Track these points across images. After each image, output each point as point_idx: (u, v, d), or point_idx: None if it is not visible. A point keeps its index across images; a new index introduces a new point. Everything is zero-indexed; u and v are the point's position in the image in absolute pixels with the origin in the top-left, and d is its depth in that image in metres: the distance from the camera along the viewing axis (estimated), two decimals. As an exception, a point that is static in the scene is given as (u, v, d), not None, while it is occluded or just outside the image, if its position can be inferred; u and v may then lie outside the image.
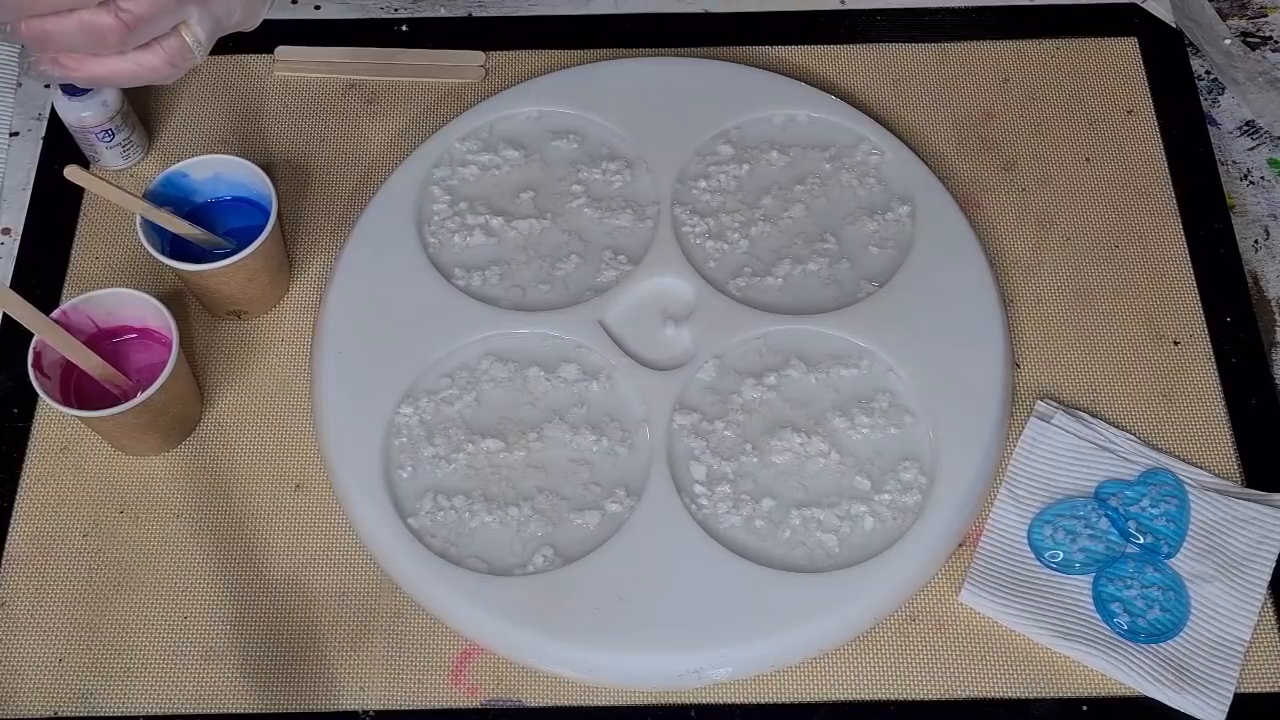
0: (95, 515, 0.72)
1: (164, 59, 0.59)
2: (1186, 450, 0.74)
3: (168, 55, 0.59)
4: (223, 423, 0.75)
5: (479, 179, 0.81)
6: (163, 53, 0.59)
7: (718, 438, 0.72)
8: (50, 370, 0.69)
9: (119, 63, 0.58)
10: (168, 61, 0.59)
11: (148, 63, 0.59)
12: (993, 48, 0.88)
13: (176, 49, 0.59)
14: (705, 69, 0.85)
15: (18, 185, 0.83)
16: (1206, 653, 0.67)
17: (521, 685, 0.68)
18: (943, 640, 0.69)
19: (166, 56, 0.59)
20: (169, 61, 0.59)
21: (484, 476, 0.72)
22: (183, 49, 0.59)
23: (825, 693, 0.67)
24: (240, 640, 0.69)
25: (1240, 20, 0.90)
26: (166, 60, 0.59)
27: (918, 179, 0.80)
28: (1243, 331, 0.77)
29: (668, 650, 0.67)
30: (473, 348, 0.75)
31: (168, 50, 0.59)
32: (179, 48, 0.59)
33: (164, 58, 0.59)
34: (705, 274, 0.77)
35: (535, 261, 0.78)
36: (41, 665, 0.68)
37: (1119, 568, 0.69)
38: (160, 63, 0.59)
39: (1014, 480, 0.72)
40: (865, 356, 0.75)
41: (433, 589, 0.69)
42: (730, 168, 0.81)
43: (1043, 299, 0.78)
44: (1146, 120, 0.84)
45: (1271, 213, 0.83)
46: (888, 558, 0.69)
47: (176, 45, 0.59)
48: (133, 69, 0.59)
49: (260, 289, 0.76)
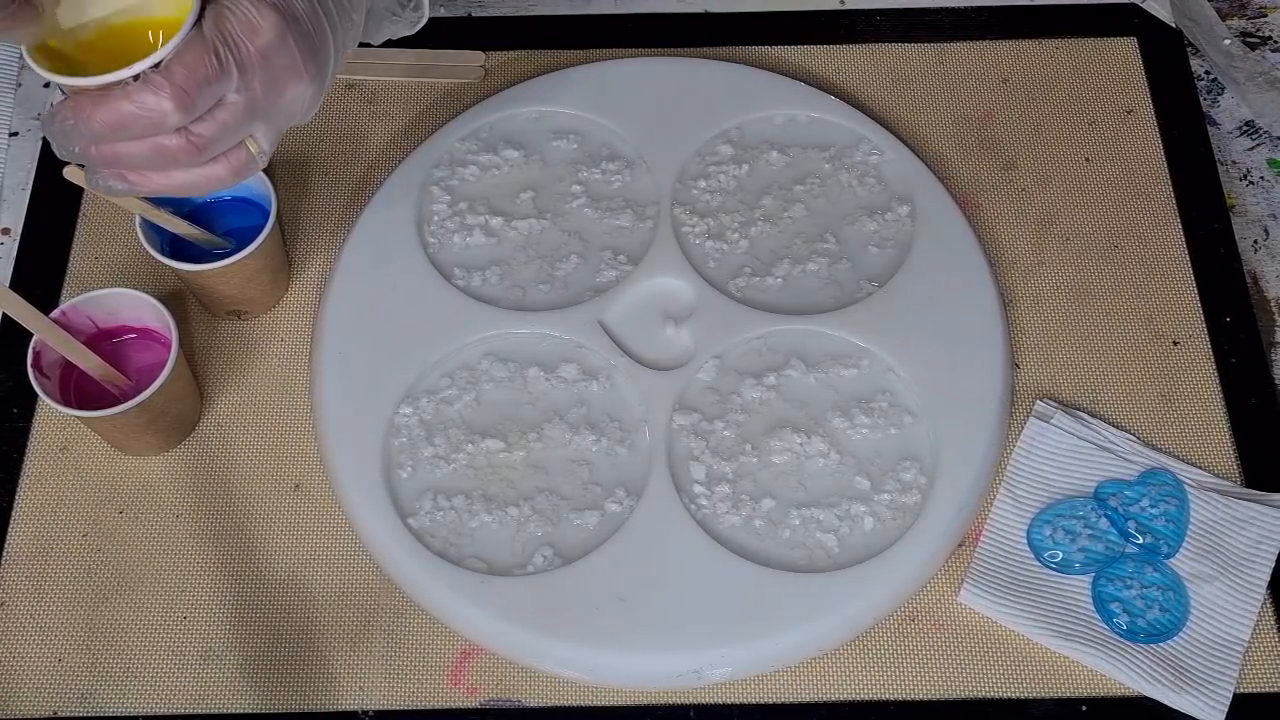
0: (95, 515, 0.72)
1: (229, 170, 0.60)
2: (1186, 450, 0.74)
3: (233, 167, 0.60)
4: (222, 423, 0.75)
5: (479, 179, 0.81)
6: (228, 164, 0.60)
7: (717, 438, 0.72)
8: (50, 370, 0.69)
9: (185, 175, 0.59)
10: (233, 172, 0.60)
11: (213, 174, 0.60)
12: (993, 48, 0.88)
13: (242, 161, 0.60)
14: (705, 69, 0.85)
15: (18, 185, 0.83)
16: (1206, 653, 0.67)
17: (521, 685, 0.68)
18: (942, 640, 0.69)
19: (232, 168, 0.60)
20: (234, 172, 0.60)
21: (484, 476, 0.72)
22: (248, 160, 0.60)
23: (825, 693, 0.67)
24: (240, 640, 0.69)
25: (1240, 20, 0.90)
26: (231, 171, 0.60)
27: (917, 179, 0.80)
28: (1243, 331, 0.77)
29: (667, 650, 0.67)
30: (473, 348, 0.75)
31: (233, 162, 0.60)
32: (245, 160, 0.60)
33: (229, 169, 0.60)
34: (705, 274, 0.77)
35: (535, 261, 0.78)
36: (41, 665, 0.68)
37: (1118, 568, 0.69)
38: (225, 173, 0.60)
39: (1013, 480, 0.72)
40: (865, 356, 0.75)
41: (432, 589, 0.69)
42: (730, 168, 0.81)
43: (1042, 299, 0.78)
44: (1146, 120, 0.84)
45: (1271, 213, 0.83)
46: (887, 558, 0.69)
47: (243, 158, 0.60)
48: (200, 180, 0.60)
49: (260, 289, 0.76)
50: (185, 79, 0.55)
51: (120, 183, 0.59)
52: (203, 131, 0.57)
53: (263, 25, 0.57)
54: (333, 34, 0.62)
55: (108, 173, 0.58)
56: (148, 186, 0.59)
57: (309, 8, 0.59)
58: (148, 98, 0.55)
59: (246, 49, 0.57)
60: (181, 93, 0.55)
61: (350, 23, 0.63)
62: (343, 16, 0.62)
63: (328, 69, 0.62)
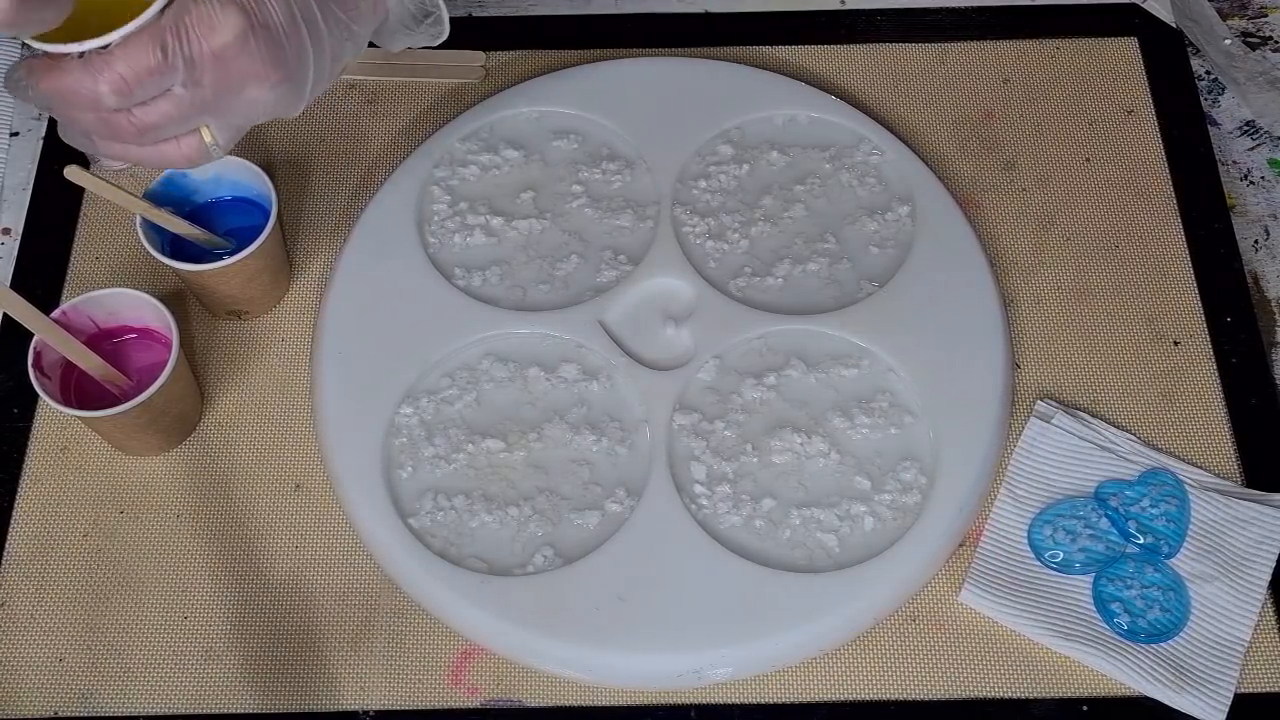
0: (95, 515, 0.72)
1: (180, 155, 0.61)
2: (1186, 450, 0.74)
3: (184, 153, 0.61)
4: (223, 423, 0.75)
5: (479, 179, 0.81)
6: (179, 150, 0.61)
7: (718, 438, 0.72)
8: (50, 370, 0.69)
9: (139, 150, 0.61)
10: (184, 158, 0.61)
11: (165, 154, 0.61)
12: (993, 48, 0.88)
13: (194, 147, 0.61)
14: (705, 69, 0.85)
15: (18, 185, 0.83)
16: (1206, 653, 0.67)
17: (521, 685, 0.68)
18: (943, 640, 0.69)
19: (183, 154, 0.61)
20: (185, 158, 0.61)
21: (484, 476, 0.72)
22: (199, 148, 0.61)
23: (825, 693, 0.67)
24: (240, 640, 0.69)
25: (1240, 20, 0.90)
26: (183, 156, 0.61)
27: (918, 179, 0.80)
28: (1243, 331, 0.77)
29: (668, 650, 0.67)
30: (473, 348, 0.75)
31: (184, 149, 0.61)
32: (196, 146, 0.61)
33: (180, 154, 0.61)
34: (705, 274, 0.77)
35: (535, 261, 0.78)
36: (41, 665, 0.68)
37: (1119, 568, 0.69)
38: (176, 156, 0.61)
39: (1014, 480, 0.72)
40: (865, 356, 0.75)
41: (433, 589, 0.69)
42: (730, 168, 0.81)
43: (1043, 299, 0.78)
44: (1146, 120, 0.84)
45: (1271, 213, 0.83)
46: (888, 558, 0.69)
47: (194, 143, 0.61)
48: (155, 156, 0.61)
49: (260, 289, 0.76)
50: (125, 66, 0.56)
51: (87, 144, 0.61)
52: (144, 118, 0.58)
53: (221, 24, 0.57)
54: (316, 42, 0.62)
55: (74, 131, 0.60)
56: (107, 151, 0.61)
57: (286, 15, 0.60)
58: (84, 79, 0.56)
59: (199, 46, 0.57)
60: (119, 79, 0.56)
61: (347, 33, 0.64)
62: (334, 26, 0.62)
63: (304, 76, 0.62)
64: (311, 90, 0.64)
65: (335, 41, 0.63)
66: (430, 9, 0.69)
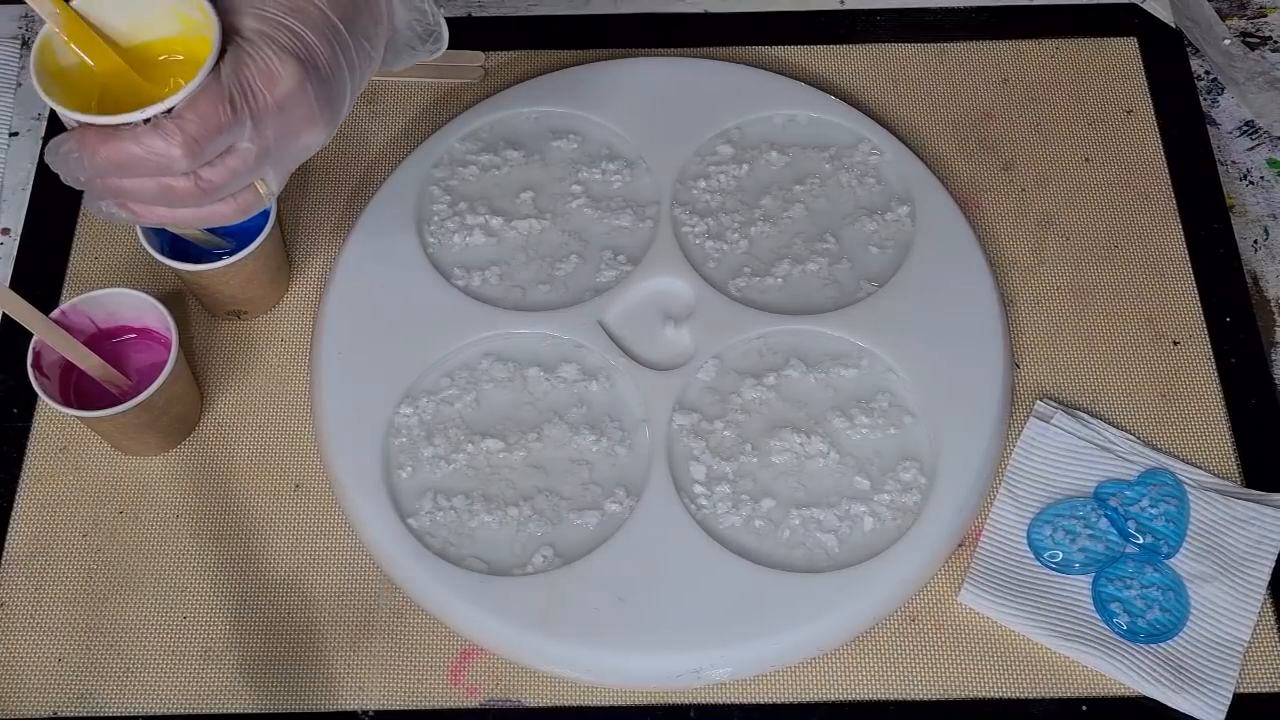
0: (95, 515, 0.72)
1: (235, 209, 0.59)
2: (1186, 450, 0.74)
3: (239, 206, 0.59)
4: (222, 423, 0.75)
5: (479, 179, 0.81)
6: (235, 204, 0.59)
7: (717, 438, 0.72)
8: (50, 370, 0.69)
9: (190, 213, 0.59)
10: (239, 211, 0.59)
11: (219, 212, 0.59)
12: (993, 48, 0.88)
13: (249, 201, 0.60)
14: (705, 69, 0.85)
15: (17, 185, 0.83)
16: (1206, 653, 0.67)
17: (521, 685, 0.68)
18: (942, 640, 0.69)
19: (239, 207, 0.59)
20: (240, 211, 0.60)
21: (484, 476, 0.72)
22: (255, 200, 0.60)
23: (825, 693, 0.67)
24: (239, 640, 0.69)
25: (1240, 20, 0.90)
26: (238, 210, 0.59)
27: (917, 179, 0.80)
28: (1242, 331, 0.77)
29: (667, 650, 0.67)
30: (473, 348, 0.75)
31: (240, 202, 0.59)
32: (252, 200, 0.60)
33: (235, 208, 0.59)
34: (705, 274, 0.77)
35: (535, 261, 0.78)
36: (41, 665, 0.68)
37: (1118, 568, 0.69)
38: (231, 212, 0.59)
39: (1013, 480, 0.72)
40: (865, 356, 0.75)
41: (432, 589, 0.69)
42: (730, 168, 0.81)
43: (1042, 299, 0.78)
44: (1146, 120, 0.84)
45: (1271, 213, 0.83)
46: (887, 558, 0.69)
47: (250, 198, 0.59)
48: (204, 216, 0.59)
49: (260, 289, 0.76)
50: (197, 128, 0.54)
51: (124, 212, 0.58)
52: (211, 177, 0.56)
53: (283, 75, 0.56)
54: (350, 76, 0.61)
55: (111, 201, 0.58)
56: (151, 219, 0.59)
57: (330, 55, 0.58)
58: (156, 143, 0.54)
59: (264, 99, 0.56)
60: (192, 141, 0.54)
61: (369, 60, 0.62)
62: (362, 56, 0.61)
63: (341, 112, 0.61)
64: (341, 120, 0.63)
65: (363, 70, 0.62)
66: (433, 27, 0.68)
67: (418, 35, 0.67)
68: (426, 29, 0.67)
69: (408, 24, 0.66)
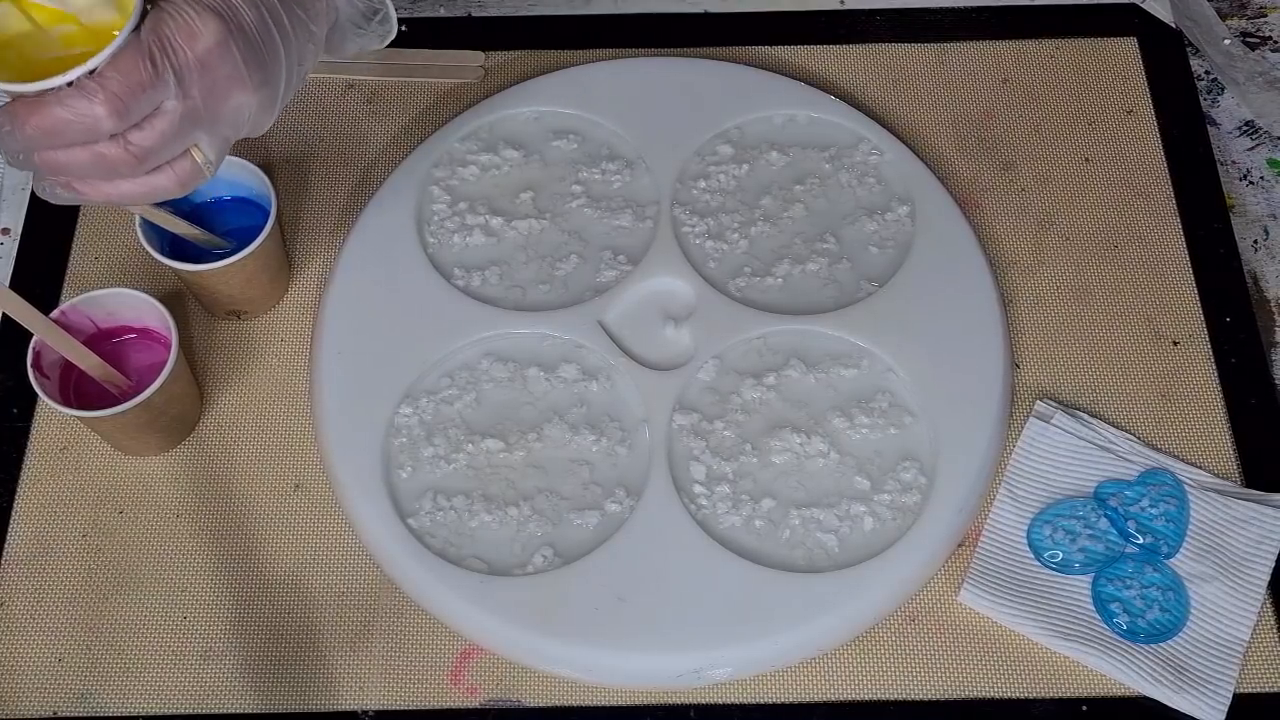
0: (95, 515, 0.72)
1: (175, 180, 0.59)
2: (1186, 450, 0.74)
3: (178, 176, 0.59)
4: (222, 423, 0.75)
5: (479, 179, 0.81)
6: (173, 174, 0.59)
7: (717, 438, 0.72)
8: (50, 370, 0.69)
9: (130, 185, 0.59)
10: (178, 182, 0.60)
11: (159, 184, 0.59)
12: (993, 48, 0.88)
13: (187, 170, 0.60)
14: (705, 69, 0.85)
15: (17, 185, 0.83)
16: (1206, 653, 0.67)
17: (521, 685, 0.68)
18: (942, 640, 0.69)
19: (177, 178, 0.59)
20: (180, 182, 0.60)
21: (484, 476, 0.72)
22: (194, 170, 0.60)
23: (825, 693, 0.67)
24: (239, 640, 0.69)
25: (1240, 20, 0.90)
26: (177, 181, 0.59)
27: (917, 179, 0.80)
28: (1242, 331, 0.77)
29: (667, 650, 0.67)
30: (473, 348, 0.75)
31: (178, 172, 0.59)
32: (190, 169, 0.60)
33: (174, 179, 0.59)
34: (705, 274, 0.77)
35: (535, 261, 0.78)
36: (41, 665, 0.68)
37: (1118, 568, 0.69)
38: (171, 183, 0.59)
39: (1013, 480, 0.72)
40: (865, 356, 0.75)
41: (432, 589, 0.69)
42: (730, 168, 0.81)
43: (1042, 299, 0.78)
44: (1146, 120, 0.84)
45: (1271, 213, 0.83)
46: (887, 558, 0.69)
47: (187, 167, 0.59)
48: (145, 190, 0.59)
49: (260, 289, 0.76)
50: (118, 85, 0.54)
51: (67, 191, 0.58)
52: (140, 140, 0.56)
53: (202, 31, 0.56)
54: (285, 44, 0.61)
55: (54, 180, 0.58)
56: (94, 195, 0.59)
57: (257, 16, 0.59)
58: (79, 103, 0.54)
59: (185, 55, 0.56)
60: (115, 98, 0.54)
61: (308, 33, 0.63)
62: (298, 27, 0.61)
63: (278, 79, 0.61)
64: (283, 96, 0.63)
65: (300, 43, 0.62)
66: (378, 6, 0.68)
67: (360, 13, 0.67)
68: (370, 7, 0.67)
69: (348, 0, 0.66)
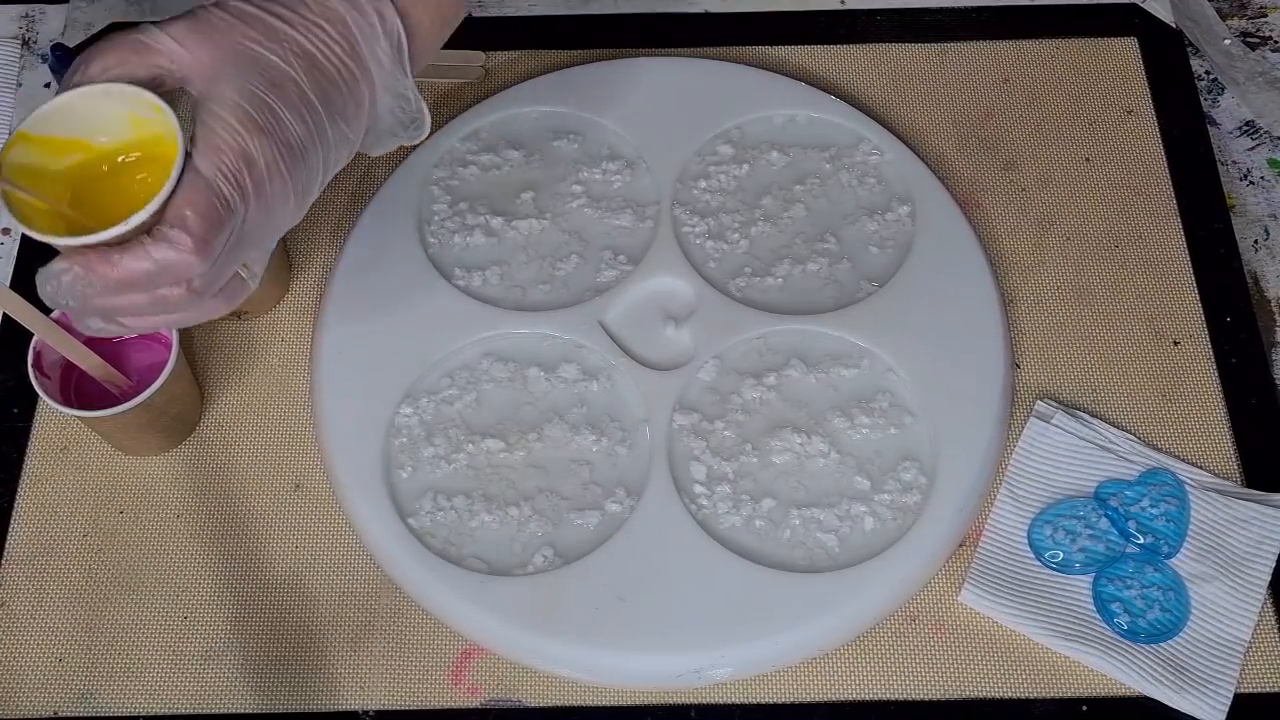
0: (95, 515, 0.72)
1: (225, 301, 0.57)
2: (1186, 450, 0.74)
3: (229, 298, 0.57)
4: (223, 423, 0.75)
5: (479, 179, 0.81)
6: (224, 297, 0.57)
7: (718, 438, 0.72)
8: (50, 370, 0.69)
9: (181, 314, 0.57)
10: (228, 302, 0.57)
11: (210, 309, 0.57)
12: (993, 48, 0.88)
13: (236, 289, 0.58)
14: (705, 69, 0.85)
15: (17, 185, 0.83)
16: (1206, 653, 0.67)
17: (521, 685, 0.68)
18: (943, 640, 0.69)
19: (228, 299, 0.57)
20: (229, 302, 0.57)
21: (484, 476, 0.72)
22: (241, 287, 0.58)
23: (825, 693, 0.67)
24: (240, 640, 0.69)
25: (1240, 20, 0.90)
26: (227, 302, 0.57)
27: (918, 179, 0.80)
28: (1243, 331, 0.77)
29: (668, 650, 0.67)
30: (473, 348, 0.75)
31: (228, 294, 0.57)
32: (238, 286, 0.58)
33: (225, 300, 0.57)
34: (705, 274, 0.77)
35: (535, 261, 0.78)
36: (41, 665, 0.68)
37: (1119, 568, 0.69)
38: (223, 306, 0.57)
39: (1014, 480, 0.72)
40: (865, 356, 0.75)
41: (433, 589, 0.69)
42: (730, 168, 0.81)
43: (1043, 299, 0.78)
44: (1146, 120, 0.84)
45: (1271, 213, 0.83)
46: (888, 558, 0.69)
47: (237, 285, 0.58)
48: (195, 318, 0.57)
49: (260, 289, 0.76)
50: (199, 225, 0.52)
51: (113, 325, 0.56)
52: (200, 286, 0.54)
53: (257, 156, 0.55)
54: (324, 155, 0.59)
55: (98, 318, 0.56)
56: (143, 328, 0.57)
57: (304, 132, 0.57)
58: (169, 254, 0.52)
59: (245, 181, 0.54)
60: (202, 243, 0.52)
61: (345, 142, 0.60)
62: (339, 140, 0.60)
63: (315, 187, 0.60)
64: (314, 197, 0.61)
65: (338, 151, 0.60)
66: (416, 114, 0.65)
67: (399, 122, 0.64)
68: (409, 116, 0.64)
69: (390, 110, 0.63)
